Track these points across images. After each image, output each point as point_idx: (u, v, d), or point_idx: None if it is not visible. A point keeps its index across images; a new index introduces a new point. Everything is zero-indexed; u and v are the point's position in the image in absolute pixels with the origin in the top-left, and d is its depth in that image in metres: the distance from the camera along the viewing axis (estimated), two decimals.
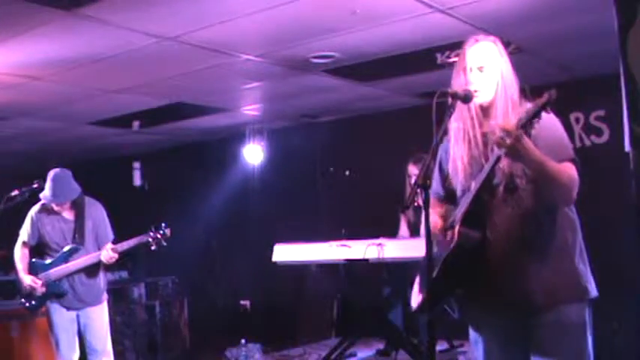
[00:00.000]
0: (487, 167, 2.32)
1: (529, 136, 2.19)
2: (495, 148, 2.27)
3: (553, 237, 2.39)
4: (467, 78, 2.46)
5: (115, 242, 4.65)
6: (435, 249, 2.42)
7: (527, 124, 2.15)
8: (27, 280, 4.55)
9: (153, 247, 4.67)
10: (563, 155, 2.34)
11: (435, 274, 2.35)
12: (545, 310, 2.36)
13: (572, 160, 2.35)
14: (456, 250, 2.35)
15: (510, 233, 2.38)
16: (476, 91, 2.43)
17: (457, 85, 2.47)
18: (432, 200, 2.44)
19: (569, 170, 2.32)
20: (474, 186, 2.37)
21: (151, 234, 4.65)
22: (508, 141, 2.16)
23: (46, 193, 4.51)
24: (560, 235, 2.40)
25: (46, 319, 4.71)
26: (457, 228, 2.37)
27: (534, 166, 2.26)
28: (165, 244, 4.68)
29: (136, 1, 3.74)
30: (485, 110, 2.47)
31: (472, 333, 2.62)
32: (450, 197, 2.62)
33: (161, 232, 4.66)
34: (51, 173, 4.53)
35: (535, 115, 2.14)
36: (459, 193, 2.54)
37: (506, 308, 2.43)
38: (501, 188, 2.38)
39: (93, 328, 4.62)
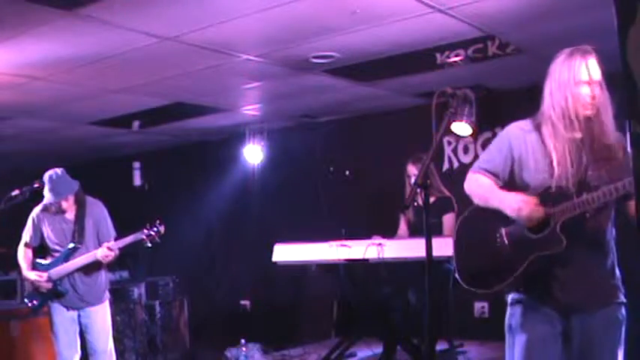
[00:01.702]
0: (608, 194, 2.37)
1: None
2: (613, 170, 2.40)
3: (610, 245, 2.59)
4: (579, 91, 2.51)
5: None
6: (513, 229, 2.53)
7: None
8: (31, 275, 4.56)
9: (148, 245, 4.67)
10: None
11: (525, 265, 2.47)
12: (595, 311, 2.52)
13: None
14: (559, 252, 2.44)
15: (586, 240, 2.50)
16: (592, 104, 2.50)
17: (573, 95, 2.51)
18: (490, 177, 2.61)
19: None
20: (580, 201, 2.42)
21: (145, 231, 4.64)
22: None
23: (47, 195, 4.52)
24: (613, 243, 2.60)
25: (47, 319, 4.71)
26: (559, 229, 2.44)
27: None
28: (159, 240, 4.67)
29: (136, 1, 3.74)
30: (587, 121, 2.53)
31: (515, 320, 2.63)
32: (511, 184, 2.65)
33: (155, 229, 4.66)
34: (46, 176, 4.52)
35: None
36: (538, 184, 2.55)
37: (562, 306, 2.53)
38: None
39: (94, 328, 4.62)
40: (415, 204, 5.04)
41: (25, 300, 4.67)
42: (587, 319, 2.51)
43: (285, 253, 5.57)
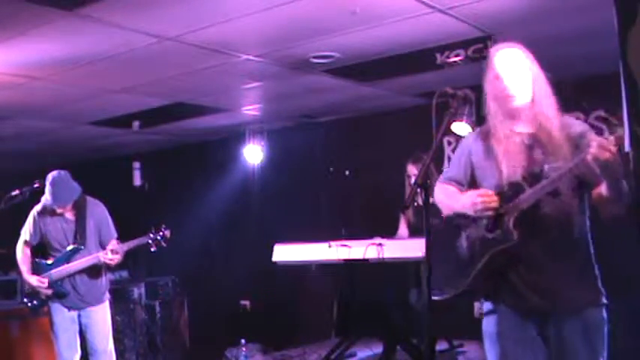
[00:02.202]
0: (556, 176, 2.36)
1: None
2: (559, 160, 2.36)
3: (581, 242, 2.49)
4: (502, 83, 2.51)
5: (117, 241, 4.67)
6: (471, 232, 2.51)
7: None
8: (33, 281, 4.55)
9: (153, 249, 4.69)
10: None
11: (482, 263, 2.44)
12: (570, 313, 2.43)
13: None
14: (511, 249, 2.40)
15: (547, 235, 2.43)
16: (513, 96, 2.49)
17: (494, 92, 2.52)
18: (454, 185, 2.65)
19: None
20: (533, 190, 2.40)
21: (151, 235, 4.67)
22: (607, 155, 2.20)
23: (47, 197, 4.52)
24: (585, 240, 2.50)
25: (47, 319, 4.71)
26: (512, 224, 2.41)
27: (613, 180, 2.33)
28: (164, 245, 4.71)
29: (136, 1, 3.74)
30: (523, 112, 2.52)
31: (489, 327, 2.61)
32: (472, 187, 2.64)
33: (161, 233, 4.69)
34: (49, 177, 4.52)
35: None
36: (495, 187, 2.54)
37: (534, 308, 2.47)
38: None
39: (94, 328, 4.62)
40: (415, 204, 5.04)
41: (25, 300, 4.66)
42: (562, 324, 2.43)
43: (285, 253, 5.57)
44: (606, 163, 2.21)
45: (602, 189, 2.37)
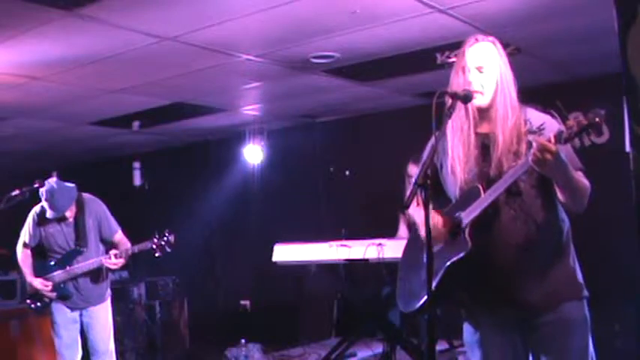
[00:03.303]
0: (509, 178, 2.30)
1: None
2: (519, 160, 2.30)
3: (551, 238, 2.42)
4: (466, 78, 2.45)
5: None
6: (435, 247, 2.41)
7: (571, 139, 2.14)
8: (37, 284, 4.53)
9: (157, 254, 4.63)
10: (575, 165, 2.38)
11: (440, 275, 2.37)
12: (547, 310, 2.38)
13: (582, 170, 2.41)
14: (468, 254, 2.34)
15: (513, 235, 2.38)
16: (476, 92, 2.43)
17: (456, 85, 2.47)
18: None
19: (584, 180, 2.38)
20: (488, 193, 2.34)
21: (155, 240, 4.59)
22: (548, 157, 2.15)
23: (45, 206, 4.50)
24: (558, 236, 2.44)
25: (48, 319, 4.70)
26: (467, 231, 2.36)
27: (563, 180, 2.29)
28: (169, 250, 4.64)
29: (136, 1, 3.74)
30: (484, 111, 2.47)
31: (469, 335, 2.61)
32: (436, 193, 2.57)
33: (165, 238, 4.62)
34: (43, 193, 4.45)
35: (582, 132, 2.12)
36: (454, 192, 2.53)
37: (509, 309, 2.43)
38: (504, 192, 2.37)
39: (95, 327, 4.60)
40: (416, 204, 5.03)
41: (28, 302, 4.64)
42: (540, 322, 2.38)
43: (285, 253, 5.57)
44: (547, 164, 2.16)
45: (557, 188, 2.34)
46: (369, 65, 5.27)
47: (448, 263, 2.37)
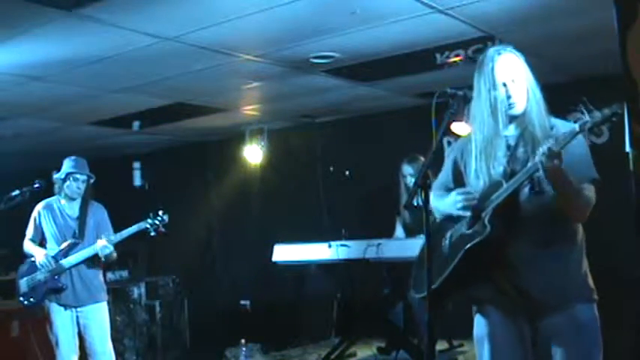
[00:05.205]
0: (522, 175, 2.37)
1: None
2: (535, 158, 2.34)
3: (567, 239, 2.47)
4: (504, 93, 2.50)
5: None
6: (454, 232, 2.52)
7: (596, 126, 2.23)
8: (41, 254, 4.57)
9: (152, 234, 4.68)
10: (585, 174, 2.42)
11: (458, 257, 2.43)
12: (559, 309, 2.41)
13: (594, 181, 2.44)
14: (487, 239, 2.38)
15: (531, 233, 2.43)
16: (514, 104, 2.49)
17: (492, 99, 2.51)
18: (441, 192, 2.64)
19: (587, 193, 2.41)
20: (506, 186, 2.41)
21: (149, 220, 4.66)
22: (555, 162, 2.23)
23: (66, 168, 4.60)
24: (573, 237, 2.49)
25: (47, 319, 4.70)
26: (487, 218, 2.40)
27: (561, 188, 2.34)
28: (164, 230, 4.68)
29: (136, 1, 3.74)
30: (514, 117, 2.52)
31: (480, 329, 2.63)
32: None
33: (159, 218, 4.67)
34: (67, 160, 4.64)
35: (605, 121, 2.21)
36: (478, 189, 2.55)
37: (521, 305, 2.46)
38: (527, 190, 2.43)
39: (92, 328, 4.61)
40: (415, 205, 5.04)
41: (21, 299, 4.66)
42: (550, 321, 2.42)
43: (285, 253, 5.58)
44: (550, 172, 2.25)
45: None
46: (368, 65, 5.27)
47: (468, 246, 2.41)
